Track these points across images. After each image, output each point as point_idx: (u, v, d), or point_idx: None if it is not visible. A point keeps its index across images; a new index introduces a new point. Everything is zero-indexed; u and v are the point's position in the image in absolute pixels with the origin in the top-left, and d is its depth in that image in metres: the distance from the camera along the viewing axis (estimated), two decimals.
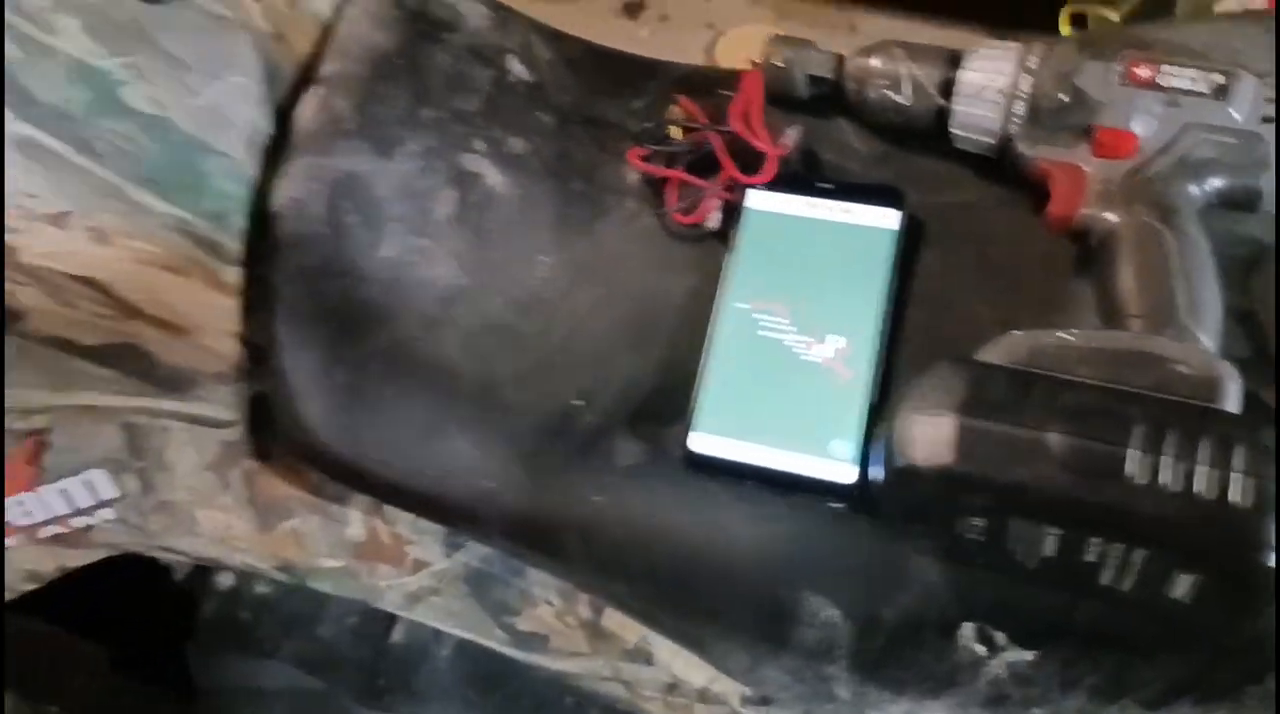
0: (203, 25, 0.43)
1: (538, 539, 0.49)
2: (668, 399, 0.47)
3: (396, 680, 0.70)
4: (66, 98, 0.39)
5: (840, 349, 0.45)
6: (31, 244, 0.40)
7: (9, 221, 0.39)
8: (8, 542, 0.57)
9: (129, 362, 0.44)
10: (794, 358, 0.45)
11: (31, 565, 0.60)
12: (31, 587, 0.62)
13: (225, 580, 0.80)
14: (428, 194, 0.46)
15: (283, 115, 0.45)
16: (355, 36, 0.47)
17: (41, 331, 0.42)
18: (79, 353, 0.43)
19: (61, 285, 0.41)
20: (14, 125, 0.38)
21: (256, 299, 0.44)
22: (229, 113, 0.43)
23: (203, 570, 0.85)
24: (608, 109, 0.52)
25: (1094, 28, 1.12)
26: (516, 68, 0.51)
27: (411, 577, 0.54)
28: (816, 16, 1.65)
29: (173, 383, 0.45)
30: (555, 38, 0.54)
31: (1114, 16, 1.20)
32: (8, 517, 0.55)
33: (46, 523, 0.55)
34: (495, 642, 0.58)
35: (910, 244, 0.47)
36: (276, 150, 0.44)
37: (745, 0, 1.69)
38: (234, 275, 0.44)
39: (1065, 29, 1.26)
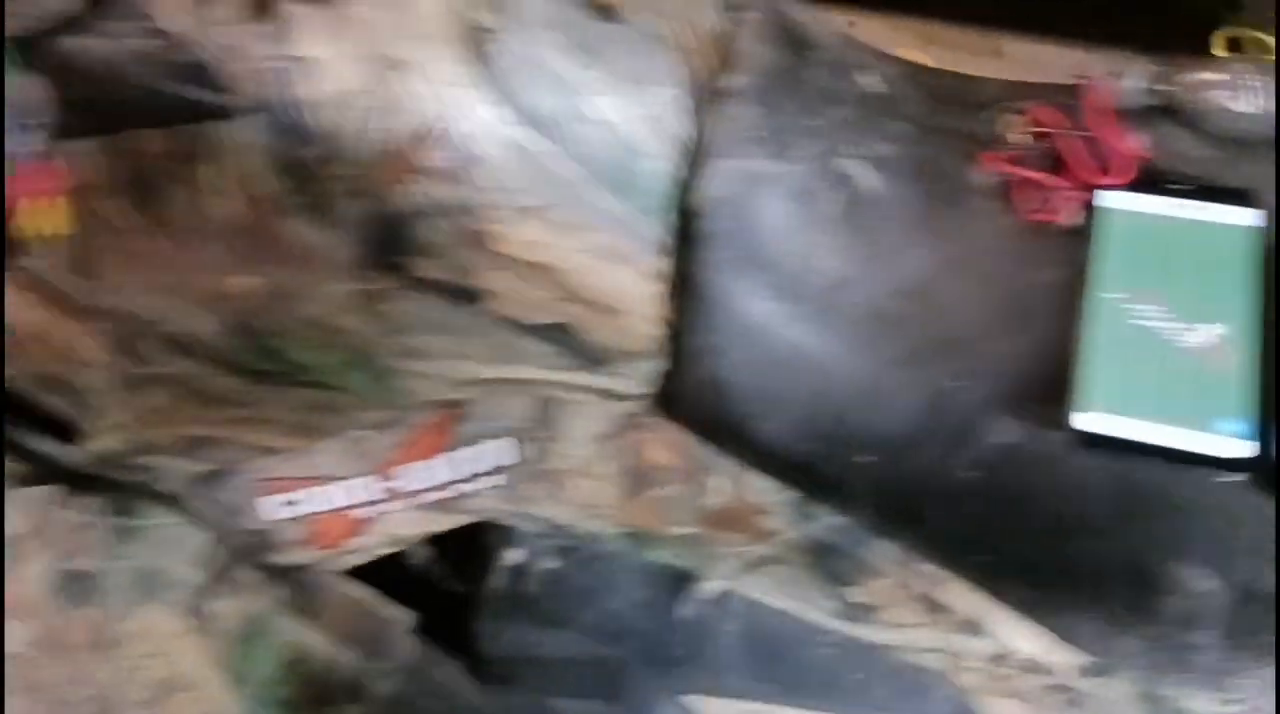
0: (644, 43, 0.47)
1: (903, 511, 0.51)
2: (1039, 382, 0.49)
3: (688, 651, 0.73)
4: (548, 106, 0.44)
5: (1219, 335, 0.47)
6: (510, 233, 0.44)
7: (496, 213, 0.44)
8: (392, 506, 0.62)
9: (563, 338, 0.48)
10: (1170, 344, 0.47)
11: (397, 530, 0.65)
12: (390, 550, 0.67)
13: (513, 556, 0.84)
14: (816, 194, 0.50)
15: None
16: (751, 54, 0.51)
17: (499, 312, 0.47)
18: (523, 331, 0.47)
19: (525, 270, 0.45)
20: (507, 128, 0.43)
21: (676, 285, 0.48)
22: (665, 120, 0.47)
23: (484, 547, 0.89)
24: (955, 118, 0.54)
25: None
26: (871, 82, 0.55)
27: (756, 546, 0.58)
28: (961, 41, 1.65)
29: (596, 358, 0.49)
30: (888, 57, 0.58)
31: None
32: (402, 482, 0.59)
33: (436, 488, 0.59)
34: (818, 611, 0.61)
35: (1272, 240, 0.49)
36: (695, 153, 0.48)
37: (887, 26, 1.70)
38: (660, 264, 0.48)
39: (1220, 52, 1.24)
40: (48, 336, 0.47)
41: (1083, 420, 0.47)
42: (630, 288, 0.47)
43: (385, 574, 0.79)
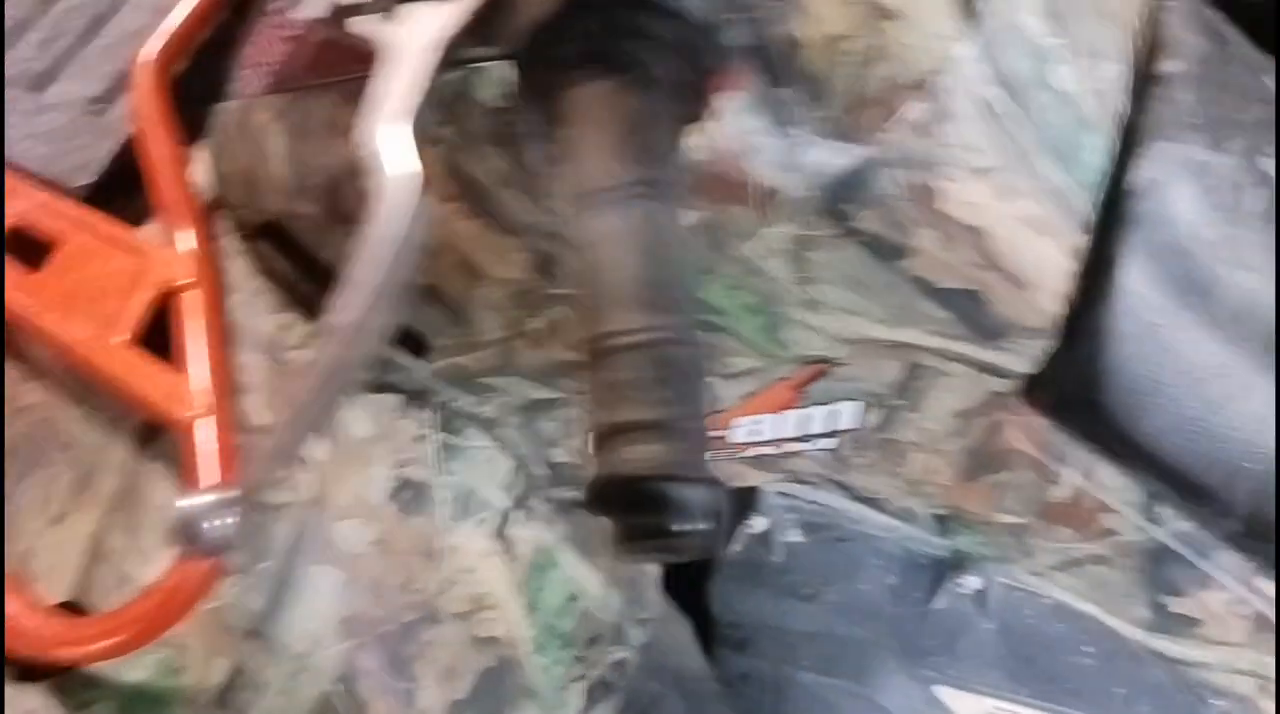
0: (1100, 17, 0.46)
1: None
2: None
3: (940, 642, 0.71)
4: (1020, 69, 0.43)
5: None
6: (956, 193, 0.43)
7: (951, 171, 0.43)
8: (713, 456, 0.61)
9: (966, 306, 0.47)
10: None
11: None
12: None
13: (758, 525, 0.84)
14: (1242, 189, 0.48)
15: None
16: (1182, 40, 0.49)
17: (914, 271, 0.45)
18: (931, 293, 0.46)
19: (956, 232, 0.44)
20: (982, 87, 0.42)
21: (1091, 264, 0.46)
22: (1110, 96, 0.46)
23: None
24: None
25: None
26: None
27: (1086, 544, 0.56)
28: None
29: (990, 331, 0.48)
30: None
31: None
32: (735, 434, 0.59)
33: (766, 443, 0.59)
34: (1124, 619, 0.58)
35: None
36: (1129, 133, 0.46)
37: None
38: (1081, 240, 0.46)
39: None
40: (471, 247, 0.48)
41: None
42: (1049, 262, 0.45)
43: None
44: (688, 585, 0.85)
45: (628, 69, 0.30)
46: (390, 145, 0.32)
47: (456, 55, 0.34)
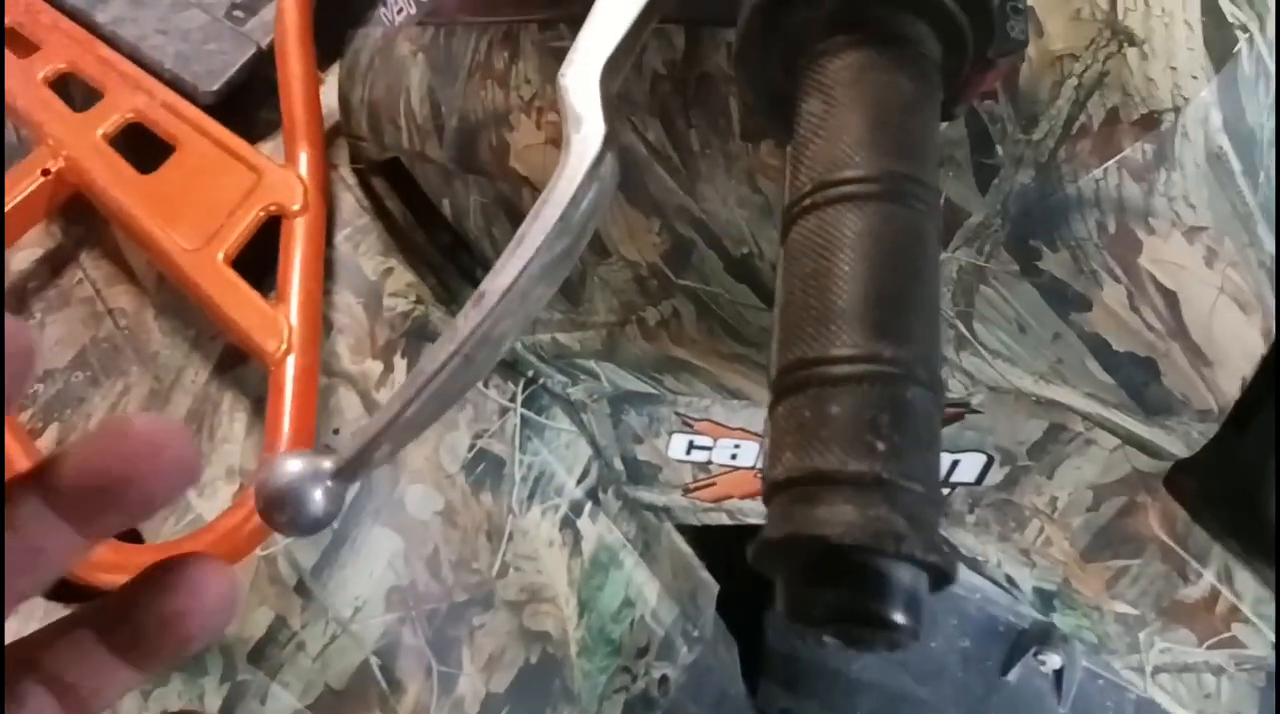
0: None
1: None
2: None
3: None
4: (1259, 123, 0.37)
5: None
6: (1160, 249, 0.38)
7: (1161, 225, 0.38)
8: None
9: (1138, 375, 0.42)
10: None
11: None
12: (759, 522, 0.62)
13: None
14: None
15: None
16: None
17: (1092, 327, 0.41)
18: (1105, 354, 0.41)
19: (1149, 291, 0.39)
20: (1216, 136, 0.37)
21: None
22: None
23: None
24: None
25: None
26: None
27: (1204, 650, 0.50)
28: None
29: (1154, 406, 0.43)
30: None
31: None
32: None
33: None
34: None
35: None
36: None
37: None
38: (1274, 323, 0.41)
39: None
40: (604, 220, 0.44)
41: None
42: (1241, 340, 0.40)
43: None
44: (742, 609, 0.81)
45: (893, 42, 0.25)
46: (577, 99, 0.28)
47: (669, 8, 0.29)
